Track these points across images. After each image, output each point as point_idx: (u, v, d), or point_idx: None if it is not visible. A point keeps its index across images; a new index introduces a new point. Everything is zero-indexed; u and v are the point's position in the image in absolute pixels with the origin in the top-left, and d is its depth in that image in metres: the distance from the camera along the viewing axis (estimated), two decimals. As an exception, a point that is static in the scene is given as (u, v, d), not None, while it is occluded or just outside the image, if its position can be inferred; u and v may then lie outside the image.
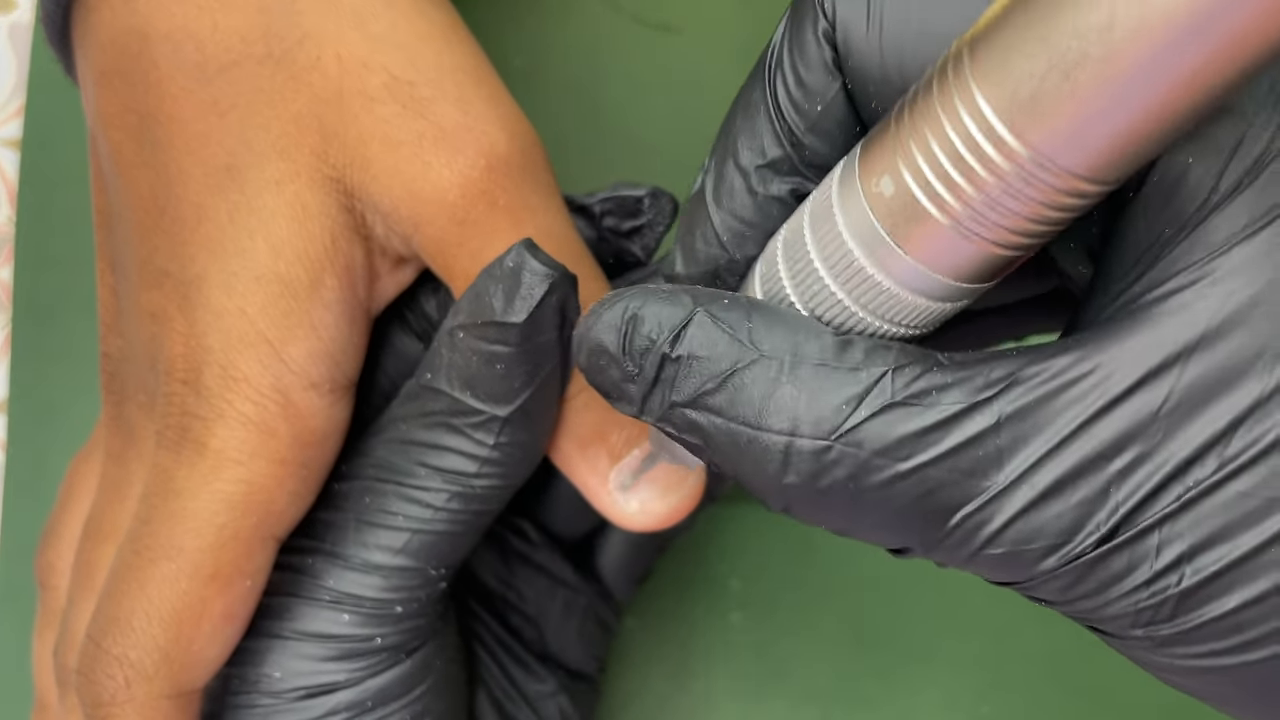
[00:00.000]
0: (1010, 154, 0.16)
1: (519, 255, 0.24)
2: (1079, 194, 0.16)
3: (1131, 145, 0.16)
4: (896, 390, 0.18)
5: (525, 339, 0.24)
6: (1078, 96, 0.15)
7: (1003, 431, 0.18)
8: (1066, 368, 0.18)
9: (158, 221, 0.27)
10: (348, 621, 0.26)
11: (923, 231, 0.18)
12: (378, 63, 0.26)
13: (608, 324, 0.20)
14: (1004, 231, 0.17)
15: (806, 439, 0.19)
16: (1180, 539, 0.18)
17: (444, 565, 0.27)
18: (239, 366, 0.26)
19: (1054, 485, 0.18)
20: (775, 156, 0.20)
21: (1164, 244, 0.18)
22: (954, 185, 0.17)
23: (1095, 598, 0.18)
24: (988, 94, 0.16)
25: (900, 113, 0.18)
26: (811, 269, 0.20)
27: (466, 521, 0.26)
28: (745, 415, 0.19)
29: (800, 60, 0.20)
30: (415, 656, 0.27)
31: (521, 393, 0.25)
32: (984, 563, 0.19)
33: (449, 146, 0.26)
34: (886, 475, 0.18)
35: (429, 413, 0.26)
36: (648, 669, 0.37)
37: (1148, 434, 0.18)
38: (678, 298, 0.20)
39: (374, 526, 0.26)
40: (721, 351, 0.19)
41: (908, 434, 0.18)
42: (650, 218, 0.29)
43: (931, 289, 0.18)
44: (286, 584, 0.27)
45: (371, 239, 0.27)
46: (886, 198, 0.18)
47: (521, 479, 0.27)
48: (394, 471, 0.26)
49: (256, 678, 0.27)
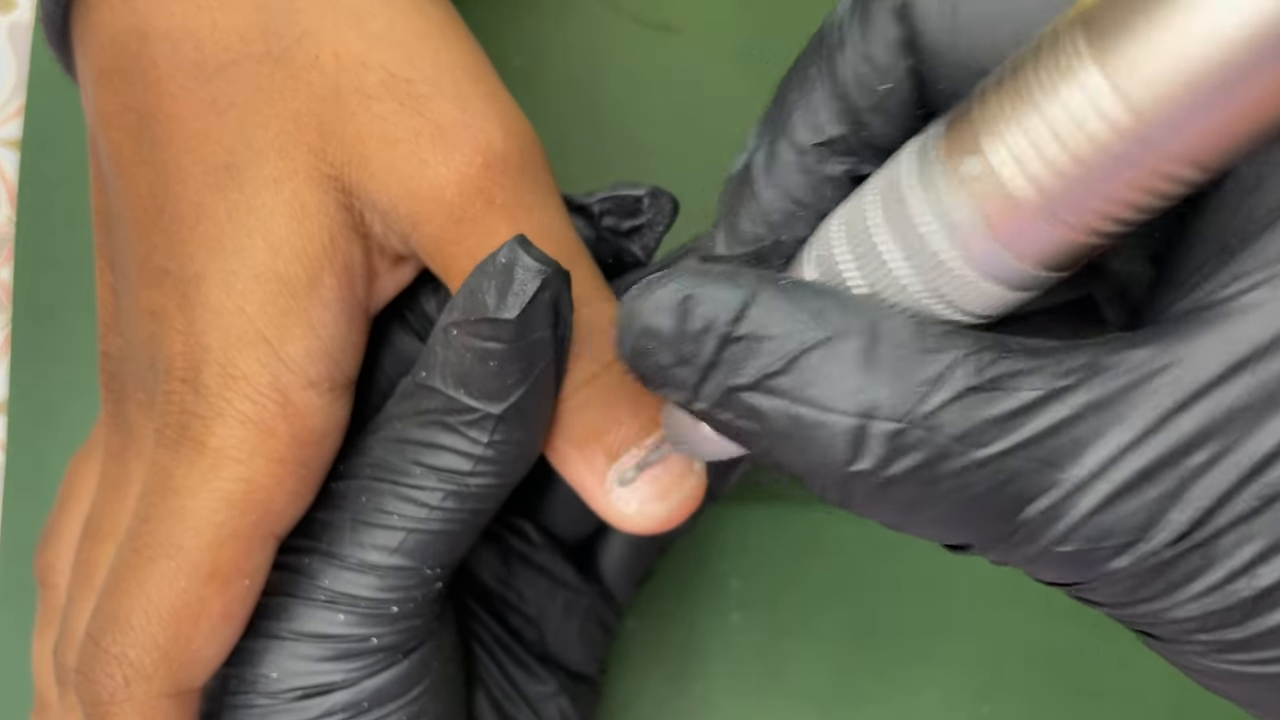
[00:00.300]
0: (1122, 132, 0.16)
1: (512, 251, 0.24)
2: (1183, 180, 0.16)
3: (1248, 130, 0.15)
4: (976, 374, 0.18)
5: (518, 336, 0.24)
6: (1204, 73, 0.15)
7: (1082, 421, 0.18)
8: (1145, 360, 0.17)
9: (156, 220, 0.27)
10: (343, 621, 0.26)
11: (1012, 214, 0.17)
12: (375, 60, 0.26)
13: (660, 304, 0.19)
14: (1096, 217, 0.17)
15: (881, 420, 0.18)
16: (1255, 539, 0.17)
17: (440, 565, 0.27)
18: (238, 365, 0.26)
19: (1132, 480, 0.17)
20: (834, 135, 0.20)
21: (1243, 239, 0.18)
22: (1055, 164, 0.16)
23: (1161, 600, 0.18)
24: (1104, 66, 0.15)
25: (991, 89, 0.17)
26: (879, 251, 0.19)
27: (463, 520, 0.26)
28: (815, 396, 0.18)
29: (868, 36, 0.19)
30: (412, 657, 0.27)
31: (515, 390, 0.25)
32: (1049, 560, 0.19)
33: (446, 144, 0.26)
34: (963, 462, 0.18)
35: (424, 411, 0.26)
36: (648, 669, 0.37)
37: (1226, 431, 0.17)
38: (737, 277, 0.19)
39: (370, 526, 0.26)
40: (789, 330, 0.18)
41: (987, 419, 0.18)
42: (650, 217, 0.29)
43: (1010, 275, 0.18)
44: (283, 584, 0.27)
45: (370, 237, 0.27)
46: (975, 178, 0.17)
47: (517, 478, 0.27)
48: (389, 470, 0.26)
49: (254, 678, 0.27)
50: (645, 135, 0.40)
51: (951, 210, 0.18)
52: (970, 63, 0.19)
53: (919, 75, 0.19)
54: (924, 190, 0.18)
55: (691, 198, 0.39)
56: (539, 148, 0.28)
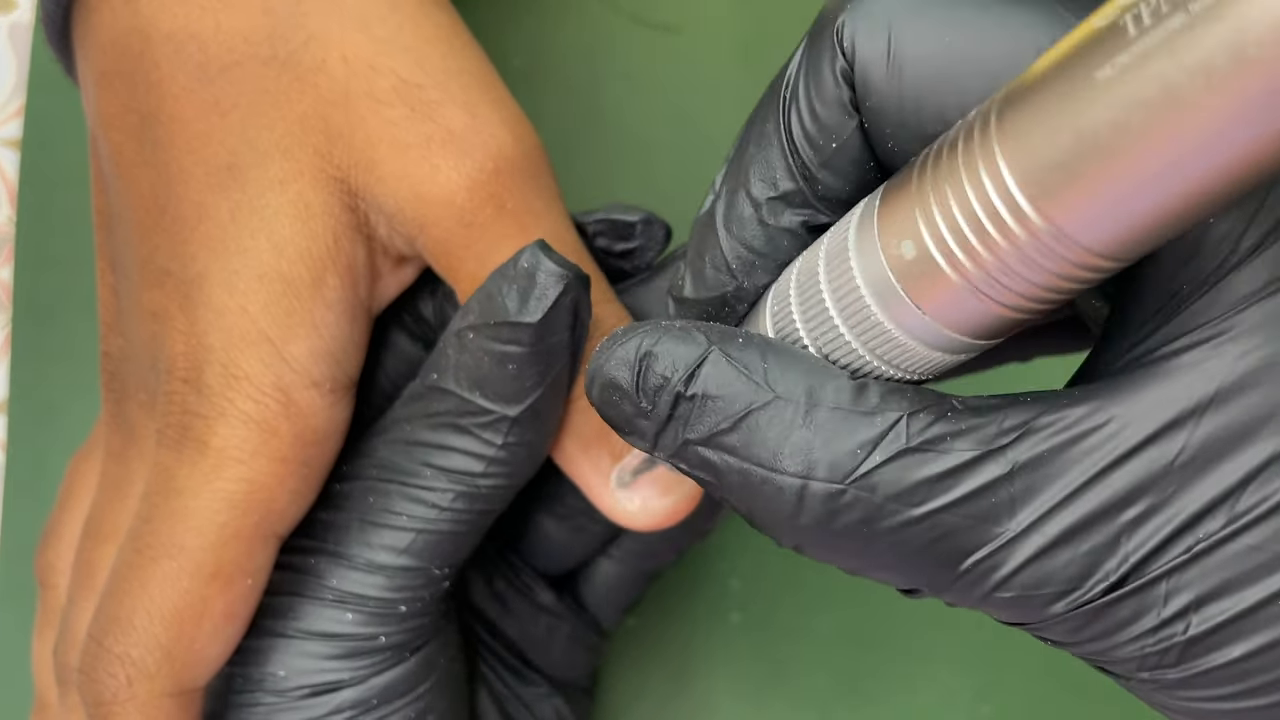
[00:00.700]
0: (1029, 226, 0.16)
1: (534, 256, 0.24)
2: (1096, 269, 0.16)
3: (1158, 227, 0.15)
4: (911, 436, 0.18)
5: (539, 339, 0.24)
6: (1107, 174, 0.15)
7: (1016, 480, 0.18)
8: (1081, 419, 0.18)
9: (159, 221, 0.27)
10: (351, 620, 0.26)
11: (936, 288, 0.18)
12: (385, 65, 0.26)
13: (620, 360, 0.20)
14: (1017, 297, 0.17)
15: (821, 482, 0.19)
16: (1188, 589, 0.18)
17: (447, 565, 0.27)
18: (240, 365, 0.26)
19: (1064, 534, 0.18)
20: (787, 189, 0.20)
21: (1182, 299, 0.18)
22: (970, 248, 0.17)
23: (1102, 641, 0.19)
24: (1011, 161, 0.16)
25: (923, 166, 0.18)
26: (824, 311, 0.20)
27: (470, 521, 0.26)
28: (759, 456, 0.19)
29: (816, 96, 0.20)
30: (419, 655, 0.27)
31: (532, 392, 0.25)
32: (994, 605, 0.19)
33: (457, 150, 0.26)
34: (899, 520, 0.19)
35: (435, 413, 0.26)
36: (648, 669, 0.37)
37: (1159, 487, 0.18)
38: (691, 335, 0.20)
39: (378, 526, 0.26)
40: (736, 391, 0.19)
41: (921, 480, 0.18)
42: (641, 243, 0.29)
43: (941, 343, 0.18)
44: (291, 584, 0.27)
45: (374, 238, 0.27)
46: (902, 250, 0.18)
47: (526, 479, 0.27)
48: (398, 472, 0.26)
49: (261, 676, 0.27)
50: (645, 135, 0.40)
51: (883, 280, 0.18)
52: (915, 125, 0.19)
53: (866, 133, 0.20)
54: (860, 257, 0.19)
55: (690, 197, 0.39)
56: (543, 152, 0.28)
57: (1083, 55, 0.15)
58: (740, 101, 0.41)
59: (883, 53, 0.19)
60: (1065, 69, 0.15)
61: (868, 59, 0.19)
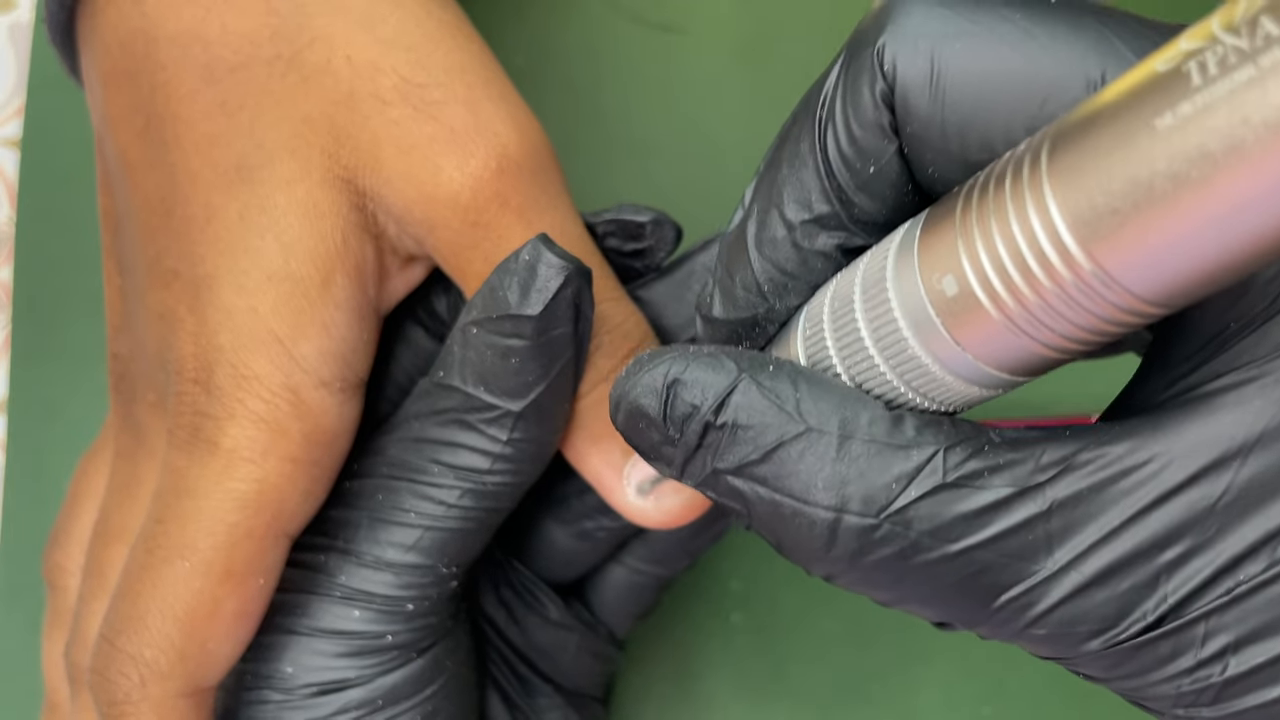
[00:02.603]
0: (1076, 269, 0.16)
1: (535, 249, 0.24)
2: (1142, 314, 0.16)
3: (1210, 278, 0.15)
4: (948, 471, 0.18)
5: (540, 332, 0.24)
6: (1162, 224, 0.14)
7: (1054, 518, 0.18)
8: (1121, 456, 0.18)
9: (166, 222, 0.27)
10: (359, 618, 0.26)
11: (976, 324, 0.17)
12: (388, 64, 0.26)
13: (647, 387, 0.20)
14: (1059, 337, 0.17)
15: (854, 516, 0.18)
16: (1226, 631, 0.18)
17: (455, 563, 0.27)
18: (250, 365, 0.26)
19: (1102, 573, 0.18)
20: (822, 212, 0.20)
21: (1228, 336, 0.18)
22: (1013, 287, 0.16)
23: (1138, 679, 0.19)
24: (1062, 202, 0.15)
25: (969, 198, 0.17)
26: (859, 340, 0.19)
27: (478, 518, 0.26)
28: (791, 488, 0.19)
29: (855, 119, 0.19)
30: (426, 656, 0.27)
31: (535, 387, 0.25)
32: (1029, 640, 0.19)
33: (460, 149, 0.26)
34: (934, 556, 0.18)
35: (442, 410, 0.26)
36: (649, 669, 0.37)
37: (1201, 528, 0.18)
38: (721, 363, 0.20)
39: (387, 523, 0.26)
40: (768, 422, 0.19)
41: (957, 516, 0.18)
42: (652, 244, 0.29)
43: (978, 378, 0.18)
44: (300, 580, 0.27)
45: (382, 238, 0.27)
46: (943, 284, 0.18)
47: (533, 476, 0.27)
48: (407, 469, 0.26)
49: (269, 673, 0.27)
50: (645, 134, 0.40)
51: (921, 313, 0.18)
52: (957, 151, 0.19)
53: (908, 157, 0.20)
54: (898, 289, 0.18)
55: (690, 196, 0.39)
56: (549, 148, 0.28)
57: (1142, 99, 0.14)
58: (741, 101, 0.41)
59: (926, 76, 0.19)
60: (1122, 112, 0.15)
61: (910, 82, 0.19)
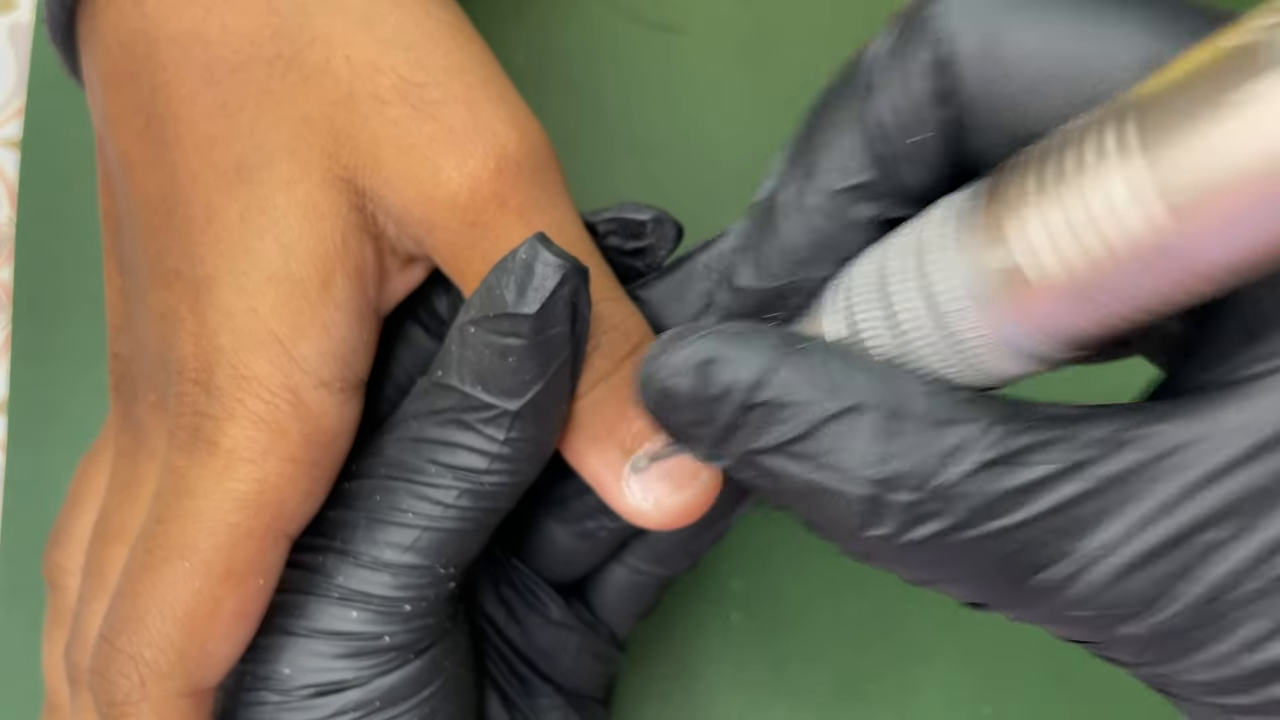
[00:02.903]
0: (1162, 238, 0.16)
1: (532, 248, 0.24)
2: (1216, 284, 0.16)
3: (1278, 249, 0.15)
4: (993, 446, 0.18)
5: (537, 331, 0.24)
6: (1244, 191, 0.15)
7: (1100, 496, 0.18)
8: (1167, 437, 0.18)
9: (167, 222, 0.27)
10: (356, 619, 0.26)
11: (1041, 295, 0.17)
12: (387, 64, 0.26)
13: (678, 367, 0.20)
14: (1126, 307, 0.17)
15: (900, 493, 0.18)
16: (1264, 617, 0.18)
17: (453, 564, 0.27)
18: (250, 366, 0.26)
19: (1145, 555, 0.18)
20: (863, 180, 0.20)
21: (1269, 322, 0.18)
22: (1089, 254, 0.16)
23: (1171, 664, 0.18)
24: (1153, 163, 0.15)
25: (1040, 169, 0.17)
26: (901, 313, 0.19)
27: (476, 519, 0.26)
28: (834, 463, 0.19)
29: (904, 86, 0.19)
30: (424, 657, 0.27)
31: (533, 386, 0.25)
32: (1063, 622, 0.19)
33: (458, 149, 0.26)
34: (978, 533, 0.18)
35: (440, 410, 0.26)
36: (649, 669, 0.37)
37: (1242, 512, 0.17)
38: (755, 340, 0.19)
39: (385, 524, 0.26)
40: (809, 398, 0.19)
41: (1004, 491, 0.18)
42: (653, 242, 0.29)
43: (1034, 350, 0.18)
44: (298, 581, 0.27)
45: (382, 238, 0.27)
46: (1007, 253, 0.17)
47: (531, 477, 0.27)
48: (404, 469, 0.26)
49: (267, 674, 0.27)
50: (646, 134, 0.40)
51: (980, 283, 0.18)
52: (1011, 125, 0.19)
53: (955, 128, 0.19)
54: (953, 259, 0.18)
55: (691, 196, 0.39)
56: (549, 147, 0.28)
57: (1224, 73, 0.15)
58: (741, 101, 0.41)
59: (983, 48, 0.18)
60: (1207, 86, 0.15)
61: (966, 53, 0.19)
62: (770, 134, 0.42)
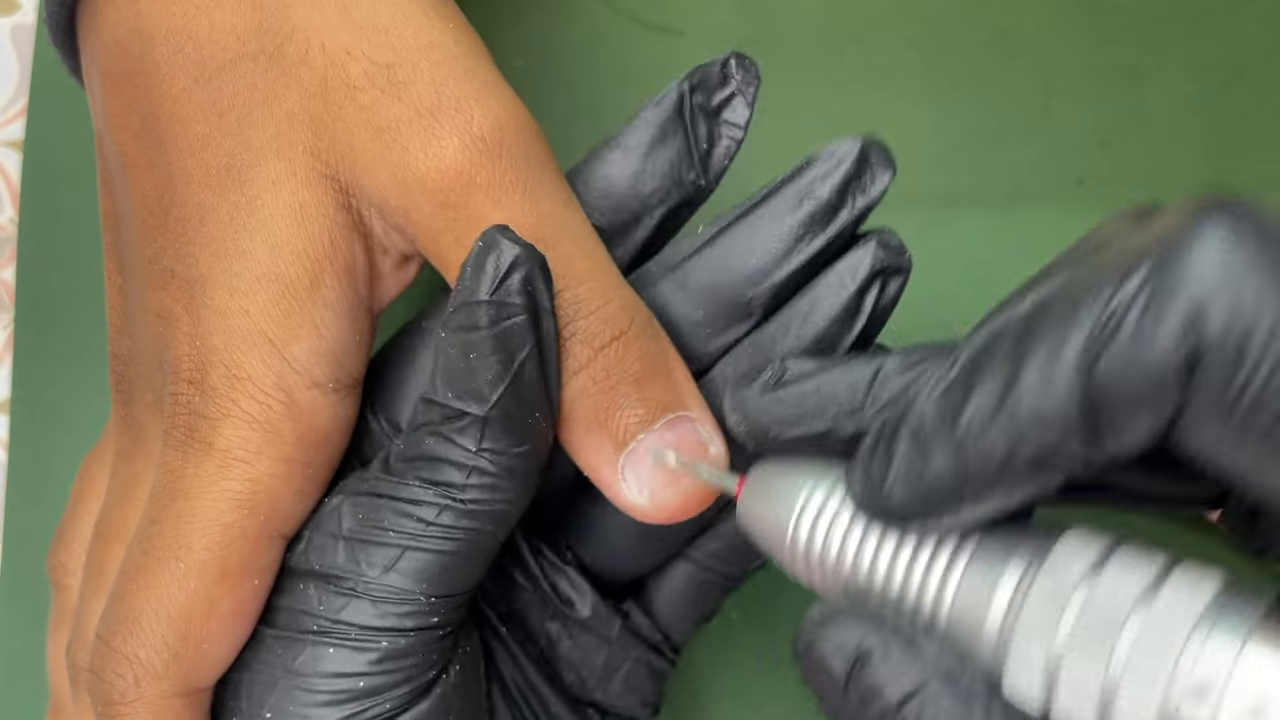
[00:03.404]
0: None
1: (487, 235, 0.23)
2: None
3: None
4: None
5: (493, 321, 0.23)
6: None
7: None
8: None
9: (163, 222, 0.27)
10: (333, 656, 0.25)
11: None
12: (359, 49, 0.26)
13: (836, 649, 0.20)
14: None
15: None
16: None
17: (436, 594, 0.25)
18: (243, 366, 0.26)
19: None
20: (1064, 443, 0.18)
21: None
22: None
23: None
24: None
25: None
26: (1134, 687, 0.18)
27: (459, 541, 0.25)
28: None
29: (1148, 345, 0.17)
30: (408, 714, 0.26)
31: (496, 386, 0.24)
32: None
33: (424, 129, 0.26)
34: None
35: (424, 423, 0.25)
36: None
37: None
38: (917, 653, 0.19)
39: (366, 544, 0.25)
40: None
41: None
42: (739, 82, 0.27)
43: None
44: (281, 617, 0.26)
45: (371, 236, 0.27)
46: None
47: (517, 496, 0.25)
48: (389, 485, 0.25)
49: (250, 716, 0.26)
50: (645, 136, 0.40)
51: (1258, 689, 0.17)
52: (1255, 457, 0.17)
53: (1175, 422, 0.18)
54: (1227, 660, 0.17)
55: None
56: (529, 124, 0.27)
57: None
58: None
59: (1243, 344, 0.17)
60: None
61: (1220, 342, 0.17)
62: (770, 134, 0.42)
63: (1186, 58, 0.42)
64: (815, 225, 0.26)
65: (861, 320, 0.26)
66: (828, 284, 0.26)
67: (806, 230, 0.26)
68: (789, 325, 0.27)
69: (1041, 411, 0.18)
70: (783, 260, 0.26)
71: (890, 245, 0.26)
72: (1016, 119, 0.42)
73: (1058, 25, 0.42)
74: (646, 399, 0.26)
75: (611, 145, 0.28)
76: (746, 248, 0.27)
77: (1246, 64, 0.42)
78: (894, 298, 0.27)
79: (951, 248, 0.41)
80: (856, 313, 0.26)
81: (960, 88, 0.42)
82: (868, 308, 0.26)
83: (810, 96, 0.41)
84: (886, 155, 0.27)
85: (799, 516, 0.22)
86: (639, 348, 0.26)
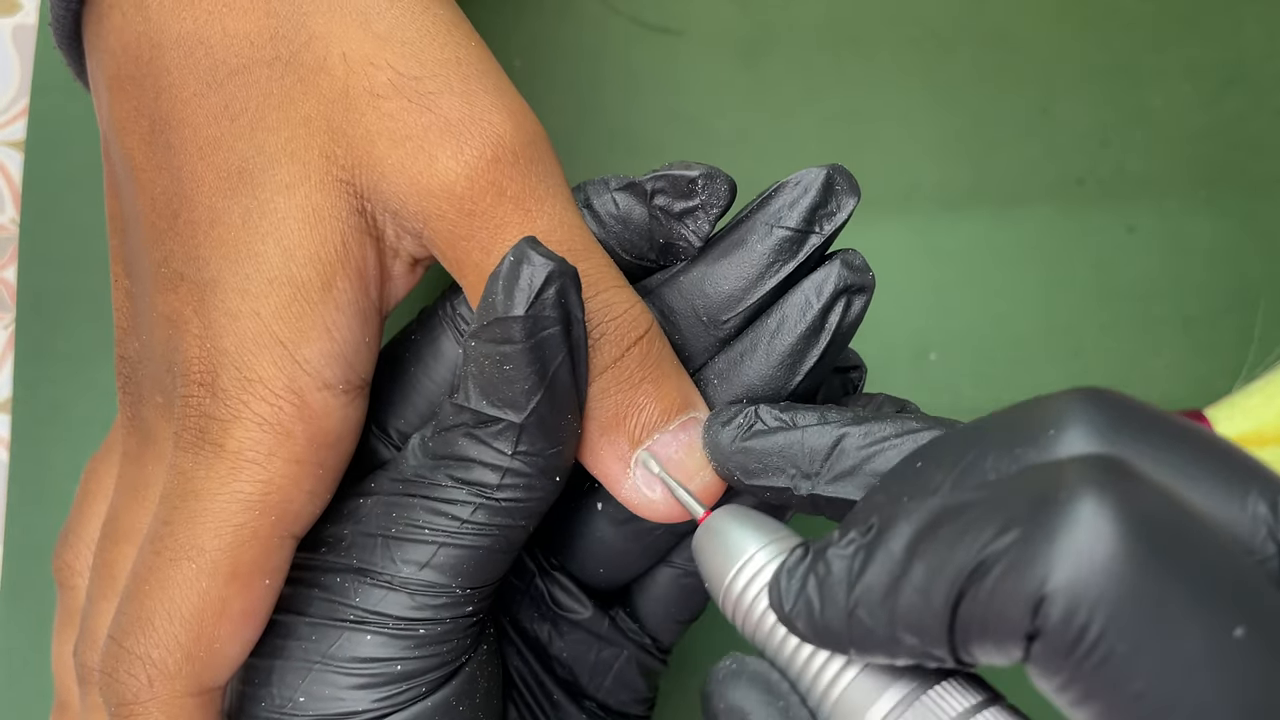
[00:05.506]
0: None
1: (518, 250, 0.24)
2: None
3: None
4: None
5: (529, 334, 0.24)
6: None
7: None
8: None
9: (172, 225, 0.27)
10: (370, 642, 0.26)
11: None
12: (383, 60, 0.26)
13: (726, 708, 0.22)
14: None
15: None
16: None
17: (470, 586, 0.26)
18: (254, 368, 0.26)
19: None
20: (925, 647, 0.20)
21: None
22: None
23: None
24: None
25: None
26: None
27: (493, 537, 0.26)
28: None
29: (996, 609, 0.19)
30: (440, 693, 0.27)
31: (533, 395, 0.25)
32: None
33: (454, 138, 0.26)
34: None
35: (453, 426, 0.26)
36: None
37: None
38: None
39: (401, 540, 0.26)
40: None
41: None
42: (704, 199, 0.28)
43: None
44: (315, 605, 0.27)
45: (383, 240, 0.27)
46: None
47: (546, 494, 0.26)
48: (422, 486, 0.26)
49: (282, 700, 0.26)
50: (646, 136, 0.40)
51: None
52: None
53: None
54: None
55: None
56: (546, 140, 0.28)
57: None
58: (741, 103, 0.41)
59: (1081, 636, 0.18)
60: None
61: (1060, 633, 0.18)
62: (769, 134, 0.42)
63: (1186, 58, 0.42)
64: (784, 253, 0.27)
65: (826, 337, 0.27)
66: (793, 303, 0.27)
67: (776, 258, 0.27)
68: (757, 343, 0.27)
69: (918, 619, 0.19)
70: (754, 286, 0.27)
71: (854, 265, 0.27)
72: (1016, 119, 0.42)
73: (1058, 25, 0.42)
74: (663, 398, 0.27)
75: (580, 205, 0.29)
76: (720, 275, 0.27)
77: (1246, 64, 0.42)
78: (858, 316, 0.27)
79: (951, 248, 0.41)
80: (821, 330, 0.27)
81: (960, 88, 0.42)
82: (832, 325, 0.27)
83: (810, 96, 0.41)
84: (851, 182, 0.27)
85: (738, 572, 0.24)
86: (659, 348, 0.27)
